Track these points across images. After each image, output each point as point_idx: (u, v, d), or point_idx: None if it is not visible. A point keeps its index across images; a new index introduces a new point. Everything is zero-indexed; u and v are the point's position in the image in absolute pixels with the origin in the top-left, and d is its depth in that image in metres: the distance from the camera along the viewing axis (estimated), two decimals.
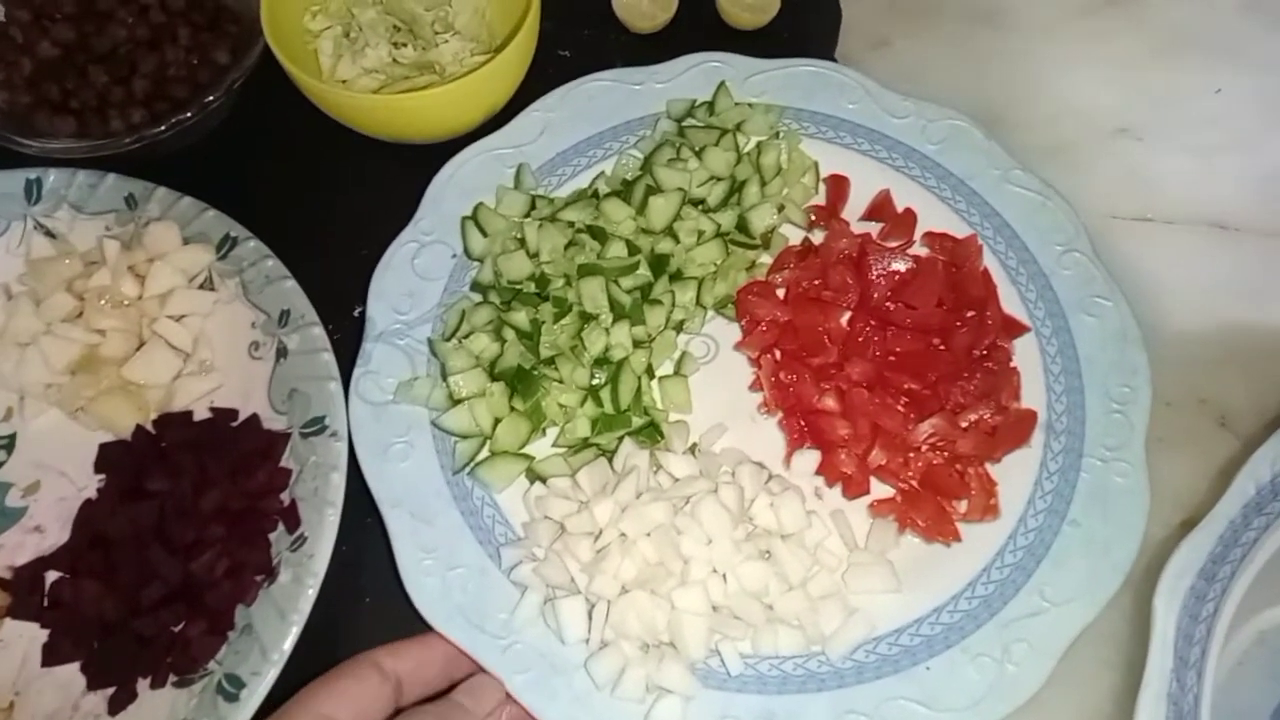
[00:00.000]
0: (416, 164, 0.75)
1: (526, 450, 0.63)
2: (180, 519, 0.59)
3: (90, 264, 0.68)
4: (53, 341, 0.65)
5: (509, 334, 0.64)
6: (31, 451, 0.65)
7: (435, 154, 0.74)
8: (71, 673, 0.58)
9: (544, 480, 0.62)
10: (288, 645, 0.56)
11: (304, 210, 0.75)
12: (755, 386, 0.66)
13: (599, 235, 0.66)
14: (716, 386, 0.66)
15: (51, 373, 0.65)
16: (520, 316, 0.64)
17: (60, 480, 0.64)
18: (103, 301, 0.66)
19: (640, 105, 0.76)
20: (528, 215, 0.70)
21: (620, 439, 0.62)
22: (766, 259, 0.70)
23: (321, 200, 0.77)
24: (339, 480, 0.61)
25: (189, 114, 0.69)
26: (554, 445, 0.64)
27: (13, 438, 0.65)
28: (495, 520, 0.61)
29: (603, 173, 0.73)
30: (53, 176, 0.71)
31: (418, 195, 0.73)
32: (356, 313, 0.70)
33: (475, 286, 0.68)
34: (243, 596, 0.58)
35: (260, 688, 0.55)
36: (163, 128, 0.68)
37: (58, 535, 0.62)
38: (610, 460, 0.62)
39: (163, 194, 0.71)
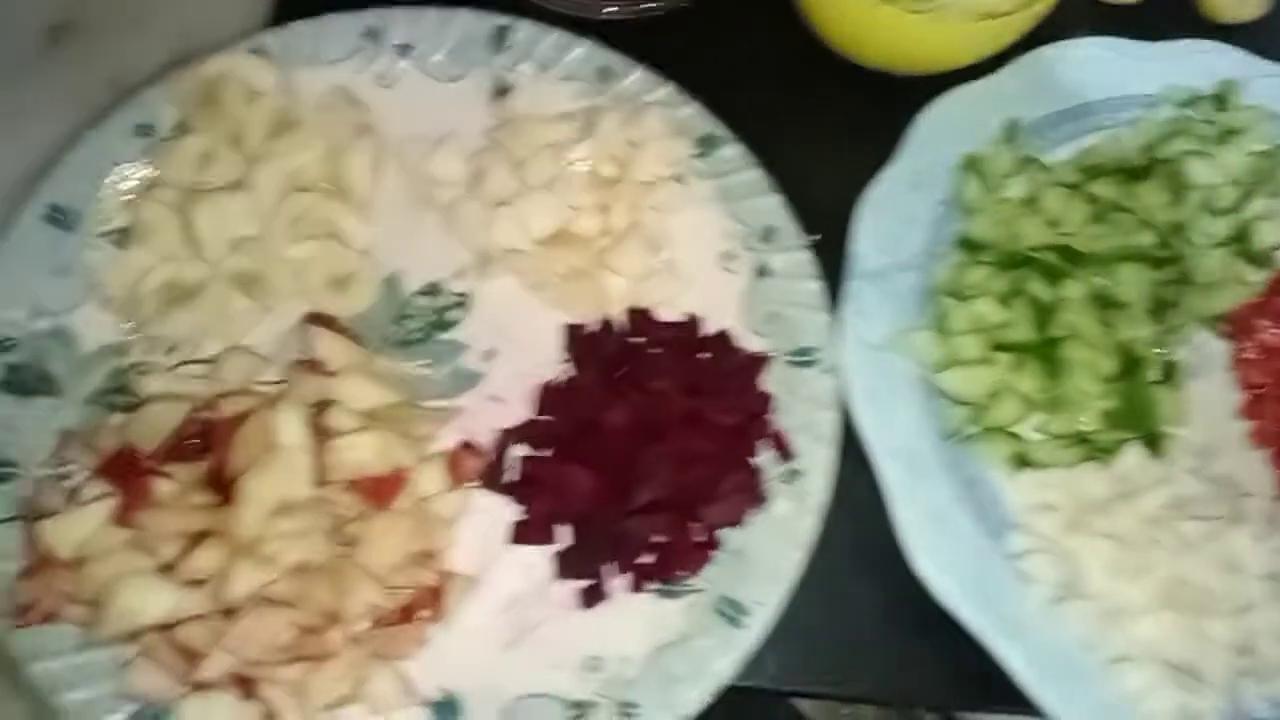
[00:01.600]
0: (883, 96, 0.70)
1: (1015, 430, 0.61)
2: (676, 424, 0.57)
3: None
4: (531, 206, 0.61)
5: (1018, 303, 0.61)
6: (487, 316, 0.62)
7: (902, 88, 0.70)
8: (535, 557, 0.57)
9: (1034, 466, 0.59)
10: (794, 574, 0.54)
11: (761, 123, 0.68)
12: (1246, 414, 0.63)
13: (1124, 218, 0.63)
14: (1202, 405, 0.62)
15: (524, 239, 0.62)
16: (1038, 287, 0.60)
17: (518, 353, 0.61)
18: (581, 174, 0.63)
19: (1134, 82, 0.71)
20: (1014, 175, 0.67)
21: (1122, 441, 0.59)
22: (1254, 278, 0.67)
23: (779, 117, 0.70)
24: (833, 418, 0.58)
25: None
26: (1038, 430, 0.61)
27: (466, 297, 0.62)
28: (989, 498, 0.59)
29: (1091, 146, 0.69)
30: (523, 29, 0.67)
31: (882, 129, 0.69)
32: (811, 240, 0.66)
33: (965, 242, 0.64)
34: (734, 518, 0.55)
35: (765, 615, 0.53)
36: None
37: (517, 409, 0.60)
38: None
39: (641, 74, 0.66)
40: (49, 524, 0.49)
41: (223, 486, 0.50)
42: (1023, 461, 0.59)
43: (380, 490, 0.52)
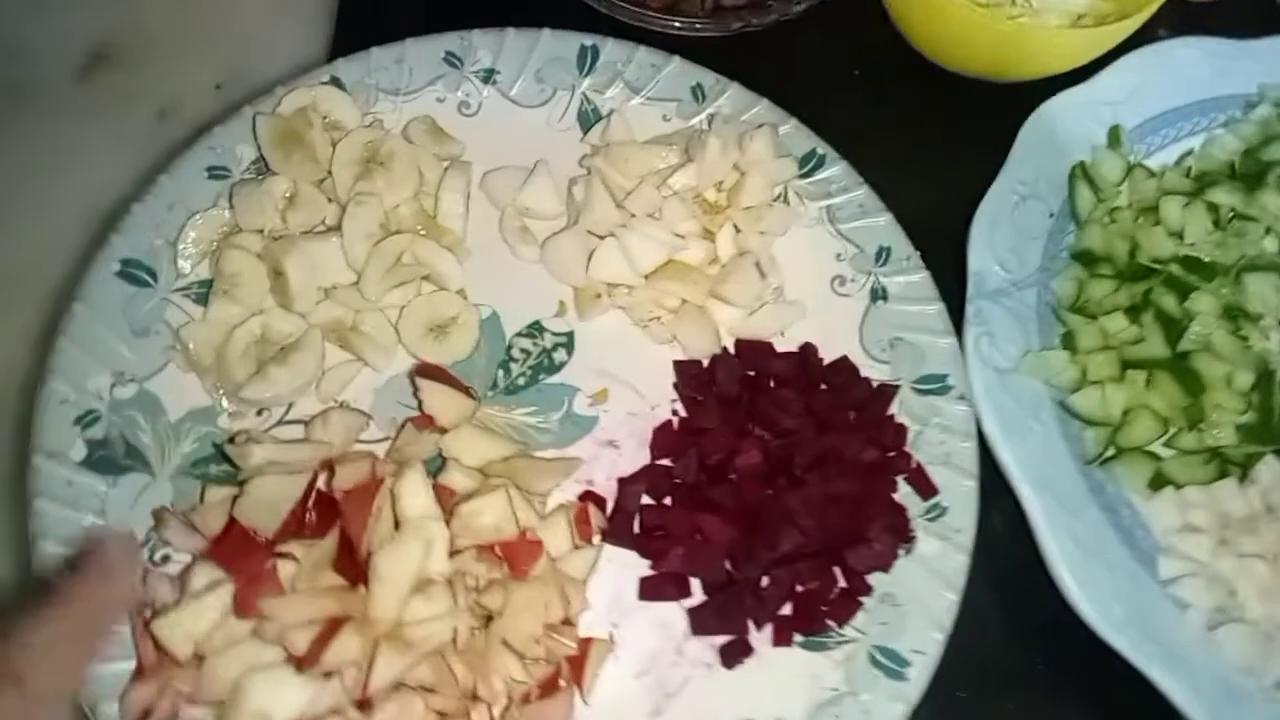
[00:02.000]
0: (979, 105, 0.69)
1: (1155, 449, 0.58)
2: (811, 464, 0.54)
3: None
4: (637, 238, 0.58)
5: (1146, 318, 0.59)
6: (594, 356, 0.58)
7: (997, 96, 0.68)
8: (670, 613, 0.53)
9: (1174, 485, 0.57)
10: (950, 618, 0.52)
11: (855, 138, 0.65)
12: None
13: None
14: None
15: (631, 273, 0.58)
16: (1168, 301, 0.58)
17: (627, 392, 0.57)
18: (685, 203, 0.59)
19: (1228, 83, 0.69)
20: (1122, 183, 0.65)
21: (1258, 456, 0.57)
22: None
23: (873, 130, 0.67)
24: (972, 448, 0.55)
25: (796, 7, 0.61)
26: (1169, 446, 0.59)
27: (570, 336, 0.59)
28: (1133, 521, 0.57)
29: (1191, 150, 0.67)
30: (610, 47, 0.63)
31: (981, 139, 0.66)
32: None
33: (1081, 255, 0.62)
34: (885, 561, 0.53)
35: (927, 664, 0.50)
36: (773, 17, 0.60)
37: (634, 454, 0.56)
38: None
39: (737, 91, 0.63)
40: (161, 619, 0.45)
41: (350, 565, 0.46)
42: (1161, 481, 0.57)
43: (517, 556, 0.48)
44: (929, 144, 0.69)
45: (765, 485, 0.53)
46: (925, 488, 0.54)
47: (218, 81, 0.72)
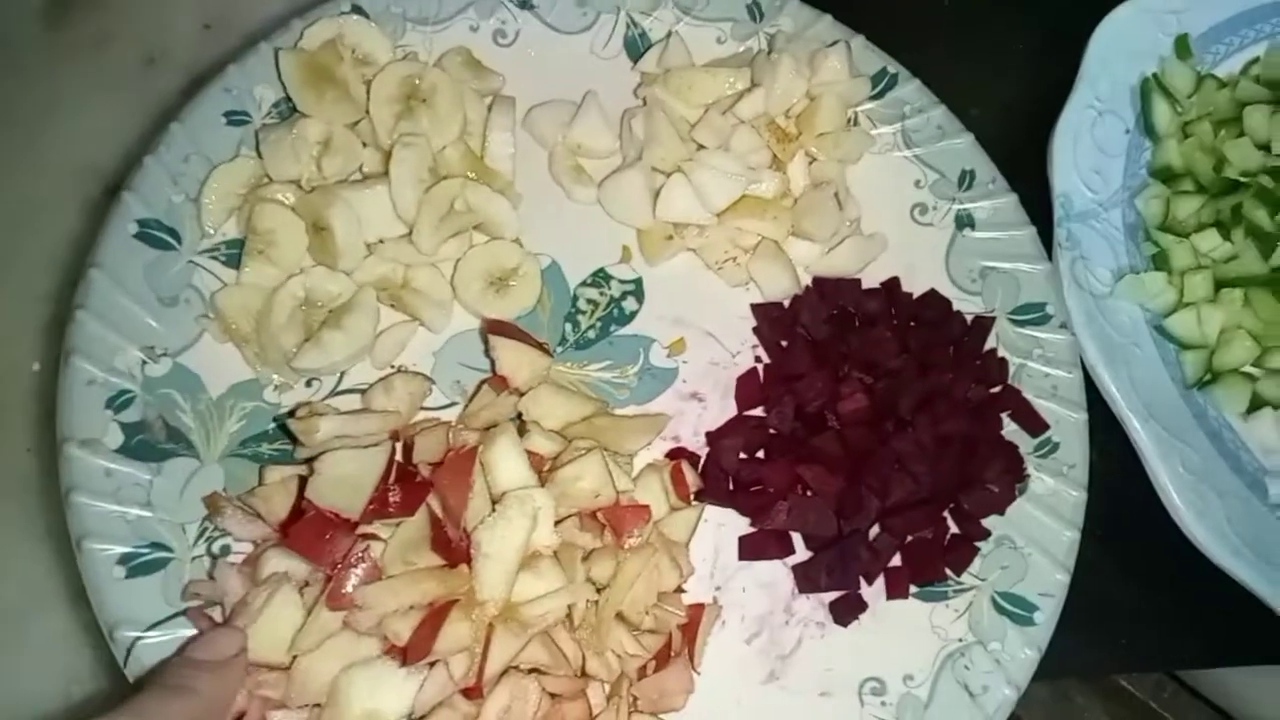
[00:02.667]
0: (1030, 12, 0.66)
1: (1250, 370, 0.56)
2: (916, 407, 0.50)
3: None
4: (708, 174, 0.53)
5: (1237, 234, 0.56)
6: (663, 303, 0.53)
7: (1052, 4, 0.65)
8: (774, 571, 0.50)
9: (1272, 406, 0.55)
10: (1073, 557, 0.49)
11: (915, 52, 0.60)
12: None
13: None
14: None
15: (702, 212, 0.53)
16: (1262, 215, 0.55)
17: (706, 340, 0.53)
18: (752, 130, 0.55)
19: None
20: (1193, 94, 0.62)
21: None
22: None
23: (931, 42, 0.63)
24: (1078, 378, 0.52)
25: None
26: (1259, 367, 0.57)
27: (639, 283, 0.54)
28: (1236, 445, 0.55)
29: (1256, 58, 0.64)
30: None
31: (1041, 49, 0.63)
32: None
33: (1162, 171, 0.59)
34: (1003, 504, 0.50)
35: (1053, 607, 0.48)
36: None
37: (719, 406, 0.52)
38: None
39: (797, 7, 0.58)
40: (242, 621, 0.39)
41: (448, 543, 0.41)
42: (1258, 403, 0.56)
43: (622, 522, 0.44)
44: (989, 60, 0.65)
45: (871, 431, 0.50)
46: (1034, 423, 0.51)
47: (205, 22, 0.65)
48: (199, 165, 0.49)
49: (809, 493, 0.49)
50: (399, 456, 0.45)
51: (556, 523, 0.43)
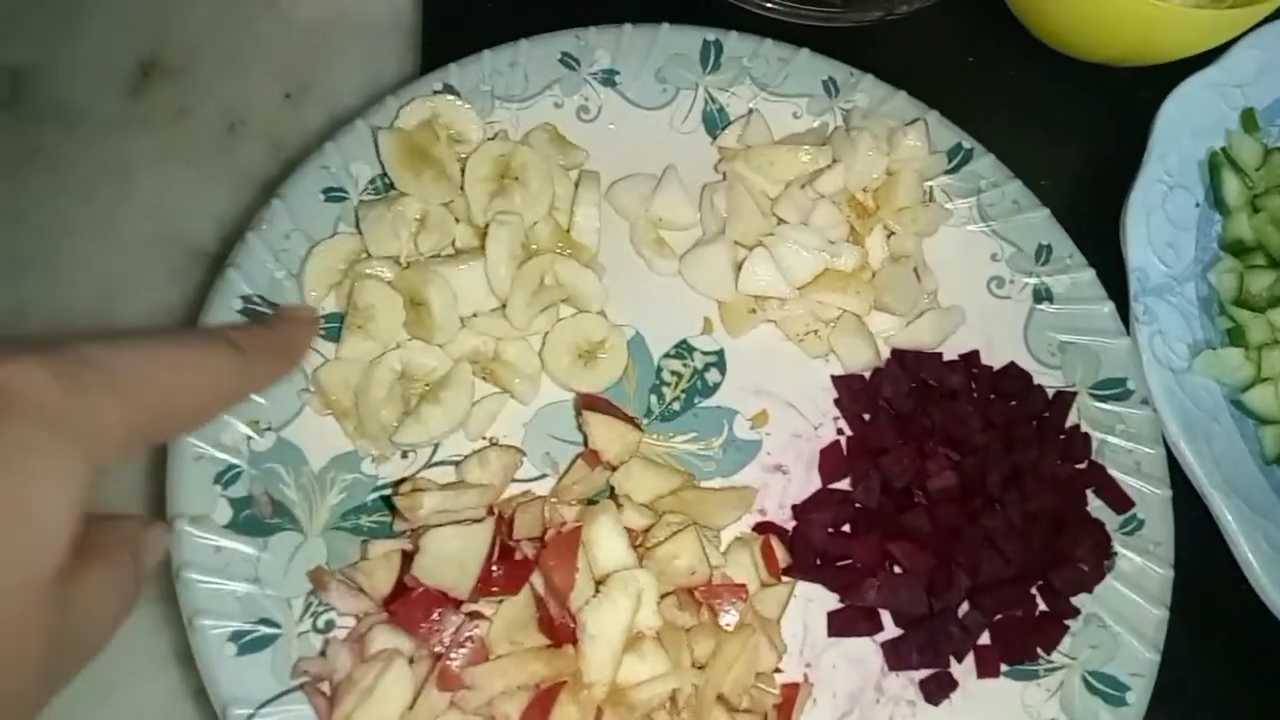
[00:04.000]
0: (1106, 91, 0.67)
1: None
2: (1004, 483, 0.51)
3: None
4: (789, 248, 0.54)
5: None
6: (746, 375, 0.54)
7: (1107, 78, 0.66)
8: (863, 648, 0.50)
9: None
10: (1162, 635, 0.49)
11: (980, 125, 0.61)
12: None
13: None
14: None
15: (784, 285, 0.54)
16: None
17: (788, 412, 0.54)
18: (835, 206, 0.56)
19: None
20: (1261, 168, 0.63)
21: None
22: None
23: (996, 115, 0.65)
24: (1161, 454, 0.53)
25: None
26: None
27: (720, 355, 0.55)
28: None
29: None
30: (733, 40, 0.59)
31: (1111, 126, 0.65)
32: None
33: (1234, 245, 0.60)
34: (1092, 582, 0.50)
35: (1146, 686, 0.48)
36: (905, 6, 0.57)
37: (803, 478, 0.53)
38: None
39: (871, 84, 0.59)
40: (350, 703, 0.40)
41: (549, 624, 0.42)
42: None
43: (720, 600, 0.44)
44: (1054, 133, 0.66)
45: (959, 507, 0.50)
46: (1120, 500, 0.52)
47: (286, 91, 0.66)
48: (299, 241, 0.50)
49: (897, 569, 0.50)
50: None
51: (658, 601, 0.44)
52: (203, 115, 0.65)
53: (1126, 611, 0.50)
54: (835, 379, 0.55)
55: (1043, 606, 0.50)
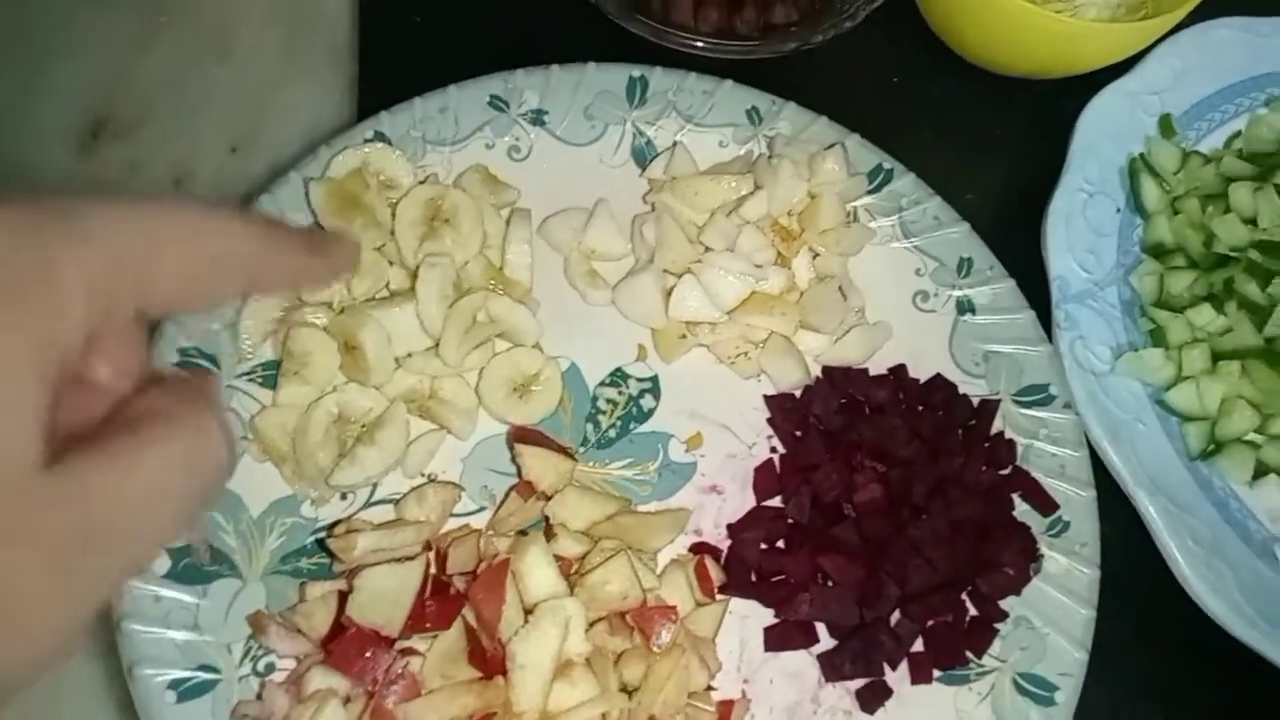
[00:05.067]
0: (1022, 102, 0.68)
1: (1252, 438, 0.58)
2: (930, 492, 0.52)
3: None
4: (716, 274, 0.55)
5: (1230, 307, 0.58)
6: (680, 399, 0.56)
7: (1029, 90, 0.68)
8: (799, 661, 0.51)
9: (1276, 473, 0.57)
10: (1090, 635, 0.50)
11: (912, 146, 0.63)
12: None
13: None
14: None
15: (713, 310, 0.56)
16: (1253, 288, 0.57)
17: (722, 433, 0.55)
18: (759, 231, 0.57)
19: (1267, 60, 0.69)
20: (1179, 171, 0.64)
21: None
22: None
23: (921, 133, 0.67)
24: (1085, 457, 0.54)
25: (848, 23, 0.59)
26: (1261, 434, 0.58)
27: (655, 380, 0.56)
28: (1244, 514, 0.56)
29: (1238, 132, 0.67)
30: (659, 75, 0.60)
31: (1025, 136, 0.67)
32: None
33: (1154, 248, 0.61)
34: (1019, 585, 0.51)
35: (1074, 686, 0.49)
36: (829, 34, 0.58)
37: (738, 498, 0.54)
38: None
39: (793, 111, 0.61)
40: None
41: (484, 656, 0.43)
42: (1262, 470, 0.57)
43: (650, 623, 0.46)
44: (978, 147, 0.68)
45: (887, 519, 0.51)
46: (1045, 503, 0.53)
47: (232, 144, 0.68)
48: None
49: (830, 582, 0.51)
50: (433, 568, 0.47)
51: (587, 628, 0.45)
52: (151, 171, 0.67)
53: (1054, 613, 0.51)
54: (767, 399, 0.56)
55: (973, 611, 0.51)
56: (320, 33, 0.69)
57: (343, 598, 0.45)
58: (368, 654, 0.42)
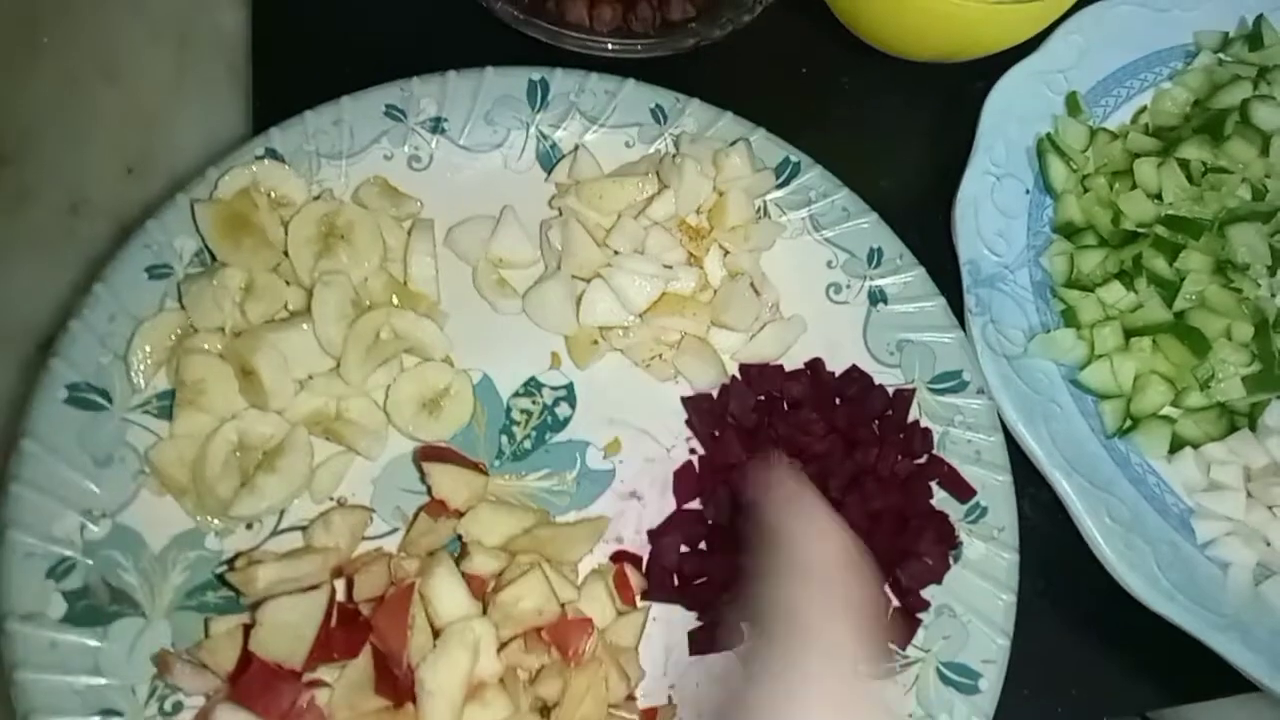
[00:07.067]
0: (928, 87, 0.68)
1: (1167, 413, 0.58)
2: (846, 485, 0.52)
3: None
4: (626, 277, 0.55)
5: (1140, 283, 0.58)
6: (596, 405, 0.55)
7: (940, 74, 0.67)
8: (727, 663, 0.50)
9: (1192, 445, 0.57)
10: (1011, 621, 0.50)
11: (821, 136, 0.63)
12: None
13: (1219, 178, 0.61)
14: None
15: (624, 313, 0.55)
16: (1160, 263, 0.58)
17: (641, 438, 0.54)
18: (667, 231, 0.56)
19: (1168, 34, 0.70)
20: (1087, 149, 0.65)
21: (1263, 404, 0.58)
22: None
23: (833, 123, 0.67)
24: (1000, 441, 0.54)
25: (745, 16, 0.59)
26: (1177, 407, 0.59)
27: (570, 388, 0.55)
28: (1161, 489, 0.56)
29: (1144, 107, 0.68)
30: (559, 77, 0.59)
31: (935, 121, 0.67)
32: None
33: (1064, 227, 0.62)
34: (939, 573, 0.51)
35: (998, 673, 0.49)
36: (727, 29, 0.58)
37: (658, 502, 0.53)
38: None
39: (698, 108, 0.60)
40: None
41: (393, 684, 0.42)
42: (1178, 444, 0.58)
43: (567, 638, 0.45)
44: (891, 134, 0.68)
45: None
46: (962, 489, 0.53)
47: (128, 166, 0.66)
48: (125, 323, 0.50)
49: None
50: (341, 595, 0.46)
51: (501, 647, 0.45)
52: (45, 198, 0.64)
53: (975, 600, 0.51)
54: (685, 400, 0.56)
55: (895, 603, 0.51)
56: (213, 48, 0.67)
57: (248, 631, 0.44)
58: (273, 688, 0.41)
